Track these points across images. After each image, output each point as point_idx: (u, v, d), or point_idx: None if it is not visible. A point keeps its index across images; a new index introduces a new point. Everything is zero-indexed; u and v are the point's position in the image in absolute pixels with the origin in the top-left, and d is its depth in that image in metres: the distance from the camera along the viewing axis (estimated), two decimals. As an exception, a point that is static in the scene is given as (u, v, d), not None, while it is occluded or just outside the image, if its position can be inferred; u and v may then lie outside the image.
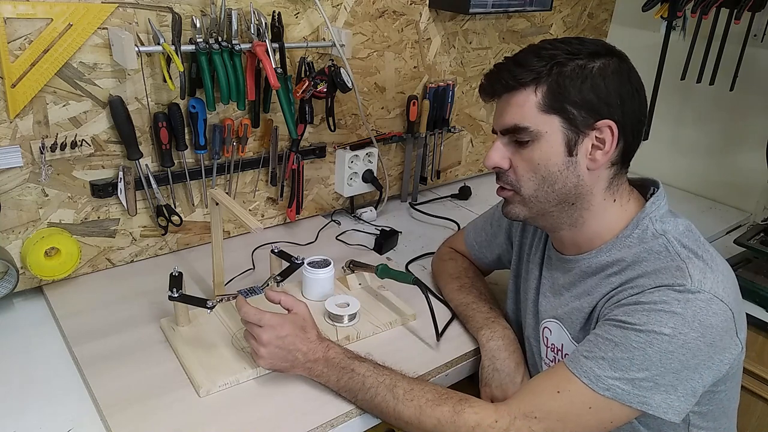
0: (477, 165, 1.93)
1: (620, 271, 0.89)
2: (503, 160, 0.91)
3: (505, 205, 0.96)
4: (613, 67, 0.86)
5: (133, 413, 0.91)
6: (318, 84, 1.34)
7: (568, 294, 0.97)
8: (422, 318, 1.17)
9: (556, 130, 0.86)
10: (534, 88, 0.86)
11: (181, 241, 1.37)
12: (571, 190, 0.89)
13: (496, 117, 0.92)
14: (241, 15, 1.21)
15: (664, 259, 0.86)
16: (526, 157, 0.89)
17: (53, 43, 1.03)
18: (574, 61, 0.85)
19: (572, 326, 0.95)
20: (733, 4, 1.52)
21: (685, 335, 0.79)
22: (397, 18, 1.51)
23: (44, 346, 1.07)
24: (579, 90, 0.84)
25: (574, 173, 0.88)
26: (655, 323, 0.80)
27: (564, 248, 0.99)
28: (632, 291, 0.85)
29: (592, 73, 0.85)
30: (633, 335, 0.81)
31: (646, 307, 0.82)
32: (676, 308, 0.80)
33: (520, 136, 0.88)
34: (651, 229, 0.90)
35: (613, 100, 0.85)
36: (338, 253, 1.35)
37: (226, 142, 1.30)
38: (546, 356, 1.03)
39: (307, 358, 0.96)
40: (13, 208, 1.11)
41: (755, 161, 1.66)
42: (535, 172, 0.89)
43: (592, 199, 0.91)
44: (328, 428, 0.93)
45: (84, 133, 1.14)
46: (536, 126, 0.86)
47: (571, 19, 1.93)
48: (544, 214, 0.93)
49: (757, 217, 1.78)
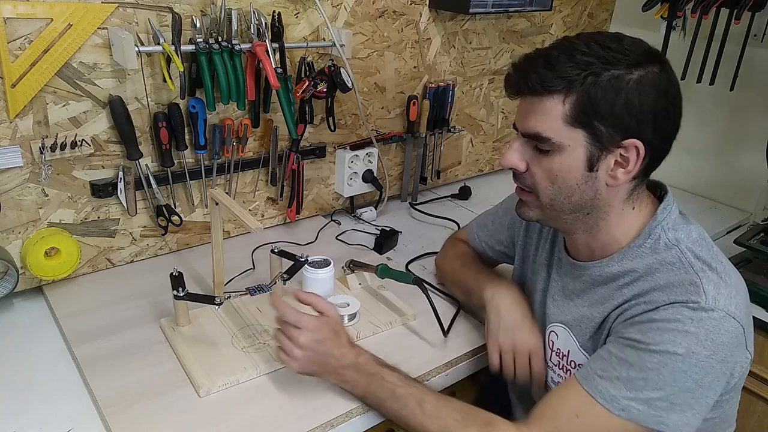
0: (477, 165, 1.93)
1: (632, 282, 0.88)
2: (520, 162, 0.88)
3: (521, 205, 0.94)
4: (651, 80, 0.80)
5: (133, 413, 0.91)
6: (318, 84, 1.34)
7: (578, 300, 0.96)
8: (422, 318, 1.17)
9: (580, 145, 0.82)
10: (563, 98, 0.80)
11: (181, 241, 1.37)
12: (588, 202, 0.87)
13: (519, 116, 0.87)
14: (241, 15, 1.21)
15: (677, 271, 0.84)
16: (544, 165, 0.85)
17: (53, 43, 1.03)
18: (610, 70, 0.79)
19: (581, 334, 0.94)
20: (733, 4, 1.52)
21: (698, 354, 0.78)
22: (397, 18, 1.51)
23: (44, 346, 1.07)
24: (611, 105, 0.79)
25: (592, 188, 0.85)
26: (669, 343, 0.79)
27: (578, 252, 0.97)
28: (645, 306, 0.83)
29: (628, 86, 0.79)
30: (647, 355, 0.80)
31: (660, 326, 0.80)
32: (690, 327, 0.79)
33: (541, 144, 0.84)
34: (664, 238, 0.87)
35: (646, 117, 0.80)
36: (338, 253, 1.35)
37: (226, 142, 1.30)
38: (550, 359, 1.02)
39: (339, 363, 0.95)
40: (13, 208, 1.11)
41: (755, 161, 1.66)
42: (553, 182, 0.86)
43: (610, 210, 0.88)
44: (328, 428, 0.93)
45: (84, 133, 1.14)
46: (559, 138, 0.82)
47: (571, 19, 1.93)
48: (558, 219, 0.91)
49: (757, 217, 1.78)
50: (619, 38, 0.82)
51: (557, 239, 1.04)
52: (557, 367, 1.00)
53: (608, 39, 0.81)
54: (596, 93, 0.79)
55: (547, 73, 0.81)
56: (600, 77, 0.79)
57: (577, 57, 0.80)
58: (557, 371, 1.01)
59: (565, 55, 0.81)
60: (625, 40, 0.82)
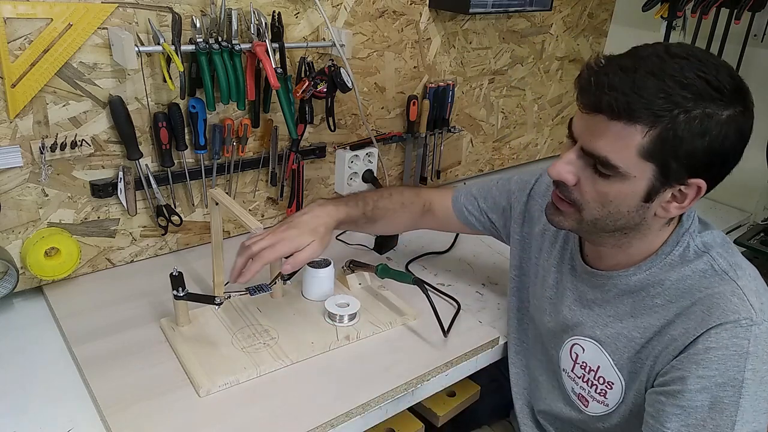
0: (477, 165, 1.93)
1: (663, 293, 0.85)
2: (571, 175, 0.82)
3: (555, 213, 0.89)
4: (738, 121, 0.74)
5: (133, 413, 0.91)
6: (318, 84, 1.34)
7: (599, 310, 0.93)
8: (422, 318, 1.17)
9: (645, 178, 0.77)
10: (646, 130, 0.74)
11: (181, 241, 1.37)
12: (632, 227, 0.84)
13: (583, 129, 0.79)
14: (241, 15, 1.21)
15: (711, 279, 0.82)
16: (600, 188, 0.80)
17: (53, 43, 1.03)
18: (702, 107, 0.72)
19: (617, 353, 0.90)
20: (733, 4, 1.53)
21: (761, 371, 0.77)
22: (397, 18, 1.51)
23: (44, 346, 1.07)
24: (691, 146, 0.74)
25: (641, 216, 0.82)
26: (734, 369, 0.76)
27: (599, 261, 0.94)
28: (694, 330, 0.80)
29: (717, 128, 0.73)
30: (720, 391, 0.77)
31: (720, 355, 0.77)
32: (749, 348, 0.77)
33: (604, 169, 0.78)
34: (693, 246, 0.85)
35: (719, 160, 0.76)
36: (338, 253, 1.35)
37: (226, 142, 1.30)
38: (573, 371, 0.98)
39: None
40: (13, 208, 1.11)
41: (755, 161, 1.66)
42: (603, 206, 0.82)
43: (648, 233, 0.86)
44: (328, 428, 0.93)
45: (84, 133, 1.14)
46: (627, 169, 0.77)
47: (571, 19, 1.93)
48: (593, 234, 0.88)
49: (757, 217, 1.78)
50: (716, 66, 0.74)
51: (568, 244, 1.01)
52: (581, 380, 0.97)
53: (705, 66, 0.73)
54: (683, 132, 0.73)
55: (636, 100, 0.73)
56: (690, 115, 0.72)
57: (669, 86, 0.72)
58: (581, 383, 0.97)
59: (656, 80, 0.73)
60: (722, 72, 0.74)
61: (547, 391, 1.06)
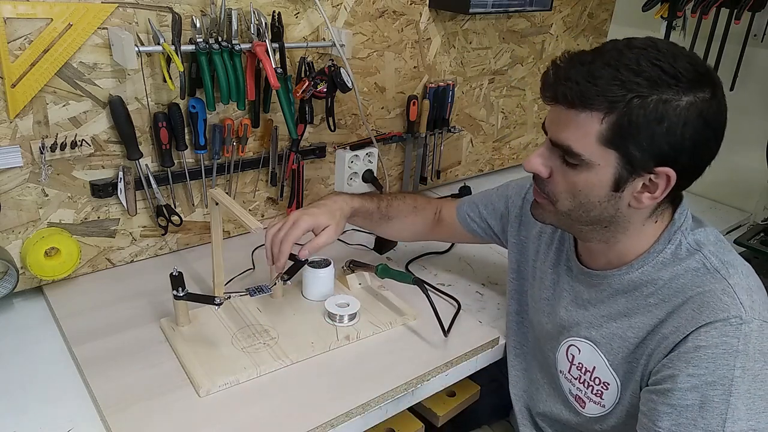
0: (477, 165, 1.93)
1: (656, 292, 0.86)
2: (544, 167, 0.85)
3: (535, 207, 0.92)
4: (699, 108, 0.75)
5: (133, 413, 0.91)
6: (318, 84, 1.34)
7: (595, 311, 0.94)
8: (422, 318, 1.17)
9: (610, 165, 0.79)
10: (602, 116, 0.76)
11: (181, 241, 1.37)
12: (607, 218, 0.85)
13: (550, 122, 0.84)
14: (241, 15, 1.21)
15: (702, 277, 0.82)
16: (569, 178, 0.83)
17: (53, 43, 1.03)
18: (658, 93, 0.74)
19: (611, 353, 0.91)
20: (733, 4, 1.53)
21: (753, 369, 0.77)
22: (397, 18, 1.51)
23: (44, 346, 1.07)
24: (650, 133, 0.75)
25: (614, 206, 0.83)
26: (724, 368, 0.76)
27: (592, 260, 0.95)
28: (684, 329, 0.80)
29: (675, 113, 0.74)
30: (709, 390, 0.77)
31: (709, 353, 0.77)
32: (739, 346, 0.77)
33: (570, 158, 0.81)
34: (685, 243, 0.86)
35: (685, 147, 0.76)
36: (338, 253, 1.35)
37: (226, 142, 1.30)
38: (569, 372, 0.99)
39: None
40: (13, 208, 1.11)
41: (755, 161, 1.66)
42: (574, 196, 0.84)
43: (629, 226, 0.86)
44: (328, 428, 0.93)
45: (84, 133, 1.14)
46: (590, 156, 0.79)
47: (571, 19, 1.93)
48: (573, 227, 0.90)
49: (757, 217, 1.78)
50: (674, 55, 0.75)
51: (564, 246, 1.02)
52: (578, 381, 0.97)
53: (662, 55, 0.75)
54: (638, 118, 0.74)
55: (589, 88, 0.75)
56: (645, 101, 0.74)
57: (623, 74, 0.74)
58: (577, 385, 0.98)
59: (610, 69, 0.75)
60: (679, 60, 0.75)
61: (546, 394, 1.06)
